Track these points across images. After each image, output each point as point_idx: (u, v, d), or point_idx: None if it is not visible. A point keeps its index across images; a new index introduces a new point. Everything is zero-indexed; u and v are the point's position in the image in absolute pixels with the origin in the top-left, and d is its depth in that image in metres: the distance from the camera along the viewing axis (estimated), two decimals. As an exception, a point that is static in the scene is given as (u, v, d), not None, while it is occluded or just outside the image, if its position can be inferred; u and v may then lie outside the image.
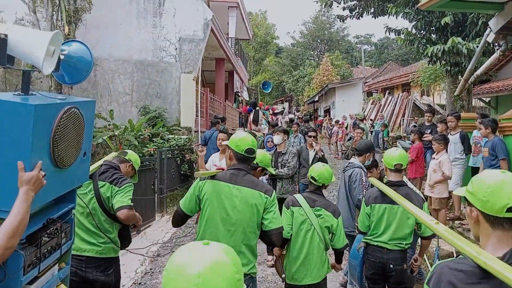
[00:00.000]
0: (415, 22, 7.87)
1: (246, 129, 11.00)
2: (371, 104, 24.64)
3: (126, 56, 10.77)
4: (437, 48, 6.73)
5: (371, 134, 12.81)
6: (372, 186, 3.26)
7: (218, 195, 2.39)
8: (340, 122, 14.94)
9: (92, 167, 2.70)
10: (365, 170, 3.83)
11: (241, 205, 2.36)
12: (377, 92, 29.62)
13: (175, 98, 10.88)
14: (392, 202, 2.85)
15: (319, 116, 26.54)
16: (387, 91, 26.72)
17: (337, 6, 9.07)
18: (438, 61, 7.72)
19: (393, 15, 7.75)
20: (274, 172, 4.27)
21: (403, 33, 7.85)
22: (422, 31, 8.03)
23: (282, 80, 41.16)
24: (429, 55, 6.98)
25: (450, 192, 5.70)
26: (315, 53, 46.26)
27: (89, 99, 1.90)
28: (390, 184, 2.99)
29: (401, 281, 2.95)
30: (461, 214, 5.84)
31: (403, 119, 19.67)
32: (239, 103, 21.67)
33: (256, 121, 11.28)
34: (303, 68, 36.82)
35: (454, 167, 5.67)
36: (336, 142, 14.60)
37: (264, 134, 9.71)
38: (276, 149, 5.23)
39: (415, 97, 20.42)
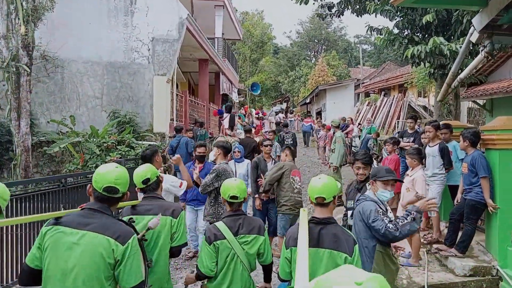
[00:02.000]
0: (396, 21, 7.19)
1: (220, 135, 10.37)
2: (367, 105, 23.96)
3: (95, 58, 10.16)
4: (418, 50, 6.05)
5: (359, 138, 12.17)
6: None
7: (57, 244, 1.85)
8: (326, 126, 14.29)
9: None
10: (385, 204, 2.94)
11: (83, 256, 1.82)
12: (374, 93, 28.89)
13: (148, 101, 10.26)
14: (317, 244, 2.28)
15: (311, 117, 25.94)
16: (384, 92, 25.99)
17: (313, 4, 8.40)
18: (422, 63, 7.04)
19: (372, 13, 7.06)
20: None
21: (383, 33, 7.16)
22: (404, 30, 7.34)
23: (278, 81, 40.48)
24: (410, 57, 6.29)
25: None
26: (312, 53, 45.59)
27: None
28: (316, 221, 2.35)
29: None
30: (440, 235, 5.19)
31: (398, 121, 18.98)
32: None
33: (232, 126, 10.65)
34: (299, 68, 36.14)
35: (432, 183, 5.02)
36: (324, 147, 13.93)
37: (239, 139, 9.07)
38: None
39: (411, 98, 19.73)
